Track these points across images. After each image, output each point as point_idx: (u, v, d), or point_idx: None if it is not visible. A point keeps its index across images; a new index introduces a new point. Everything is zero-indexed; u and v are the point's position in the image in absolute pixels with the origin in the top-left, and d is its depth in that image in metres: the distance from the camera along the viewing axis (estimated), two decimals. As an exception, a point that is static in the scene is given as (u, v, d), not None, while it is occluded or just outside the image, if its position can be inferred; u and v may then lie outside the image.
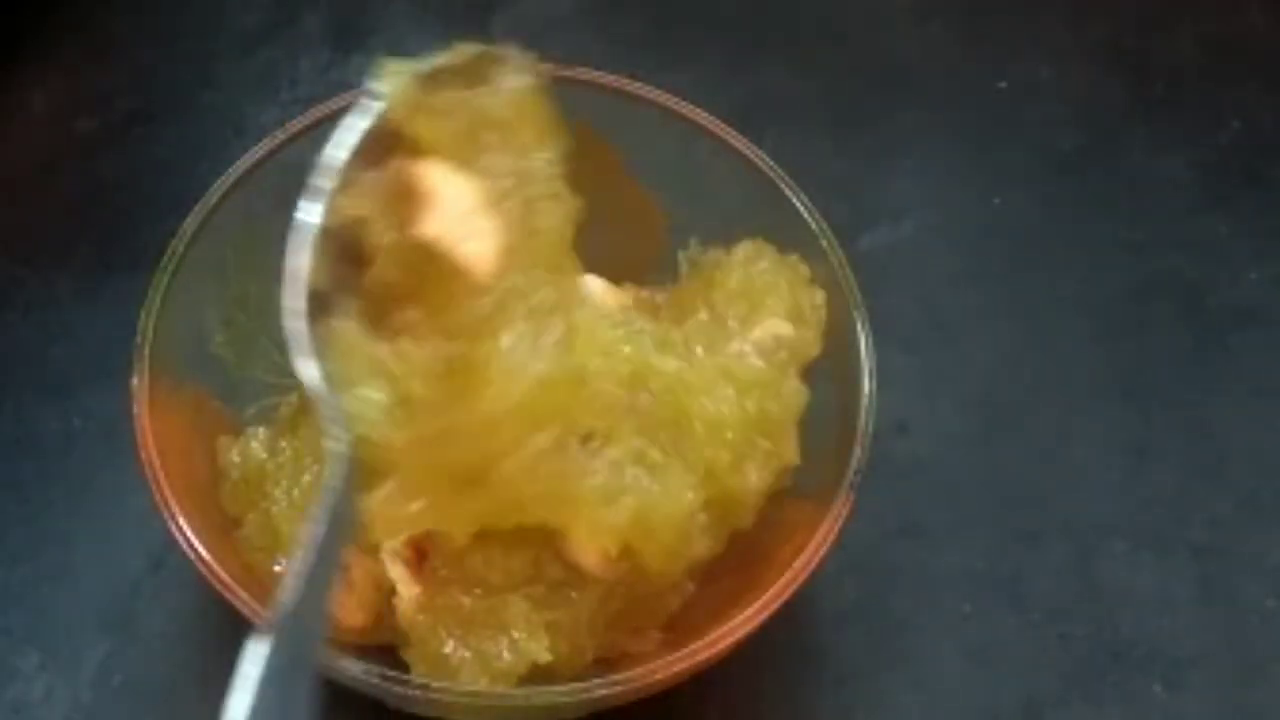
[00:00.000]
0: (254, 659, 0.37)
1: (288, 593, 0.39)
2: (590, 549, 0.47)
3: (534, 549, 0.48)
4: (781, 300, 0.50)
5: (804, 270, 0.52)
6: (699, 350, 0.49)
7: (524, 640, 0.47)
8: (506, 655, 0.47)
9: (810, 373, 0.51)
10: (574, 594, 0.48)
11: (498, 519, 0.47)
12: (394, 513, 0.47)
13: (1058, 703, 0.55)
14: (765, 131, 0.56)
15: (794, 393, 0.49)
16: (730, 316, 0.51)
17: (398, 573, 0.48)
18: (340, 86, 0.56)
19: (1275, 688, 0.55)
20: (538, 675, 0.48)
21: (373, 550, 0.48)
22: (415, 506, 0.47)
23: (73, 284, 0.62)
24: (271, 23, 0.69)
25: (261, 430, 0.52)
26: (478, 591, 0.48)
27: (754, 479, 0.48)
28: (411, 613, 0.48)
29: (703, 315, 0.51)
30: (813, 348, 0.51)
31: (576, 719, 0.49)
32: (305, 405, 0.52)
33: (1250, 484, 0.59)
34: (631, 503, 0.46)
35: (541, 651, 0.47)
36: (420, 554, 0.48)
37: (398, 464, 0.46)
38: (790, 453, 0.49)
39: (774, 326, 0.50)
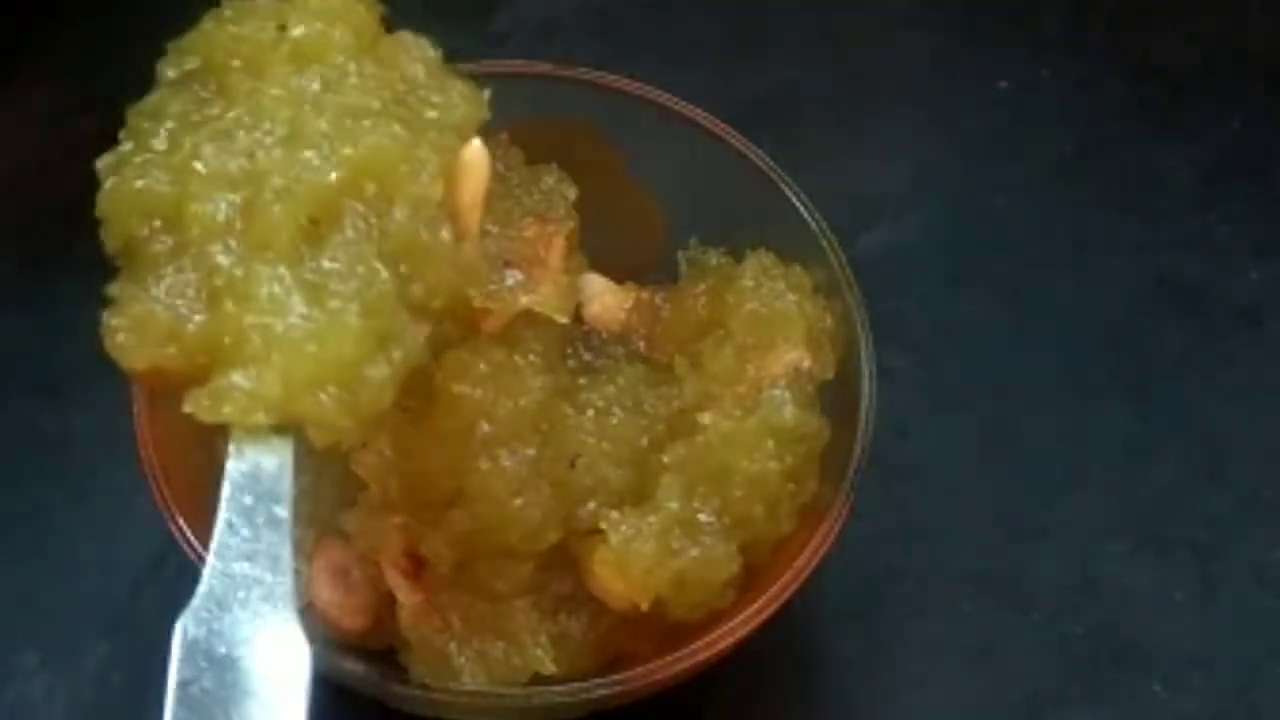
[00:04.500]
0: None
1: (203, 580, 0.39)
2: (618, 593, 0.47)
3: (543, 558, 0.48)
4: (797, 328, 0.50)
5: (807, 280, 0.52)
6: (730, 397, 0.49)
7: (530, 649, 0.47)
8: (511, 661, 0.47)
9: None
10: (583, 610, 0.48)
11: (485, 541, 0.47)
12: (373, 527, 0.47)
13: (1058, 703, 0.55)
14: (765, 131, 0.56)
15: (819, 432, 0.49)
16: (749, 348, 0.51)
17: (396, 581, 0.48)
18: (340, 86, 0.56)
19: (1275, 688, 0.55)
20: (537, 676, 0.48)
21: (371, 554, 0.48)
22: (394, 521, 0.47)
23: (73, 284, 0.61)
24: (271, 23, 0.69)
25: (258, 430, 0.52)
26: (484, 597, 0.48)
27: (785, 526, 0.49)
28: (412, 619, 0.48)
29: (727, 350, 0.51)
30: (828, 372, 0.50)
31: (576, 719, 0.49)
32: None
33: (1250, 484, 0.59)
34: (675, 566, 0.47)
35: (547, 663, 0.47)
36: (418, 563, 0.48)
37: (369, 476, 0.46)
38: (812, 485, 0.49)
39: (795, 359, 0.50)
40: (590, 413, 0.49)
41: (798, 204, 0.52)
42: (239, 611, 0.38)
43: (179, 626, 0.37)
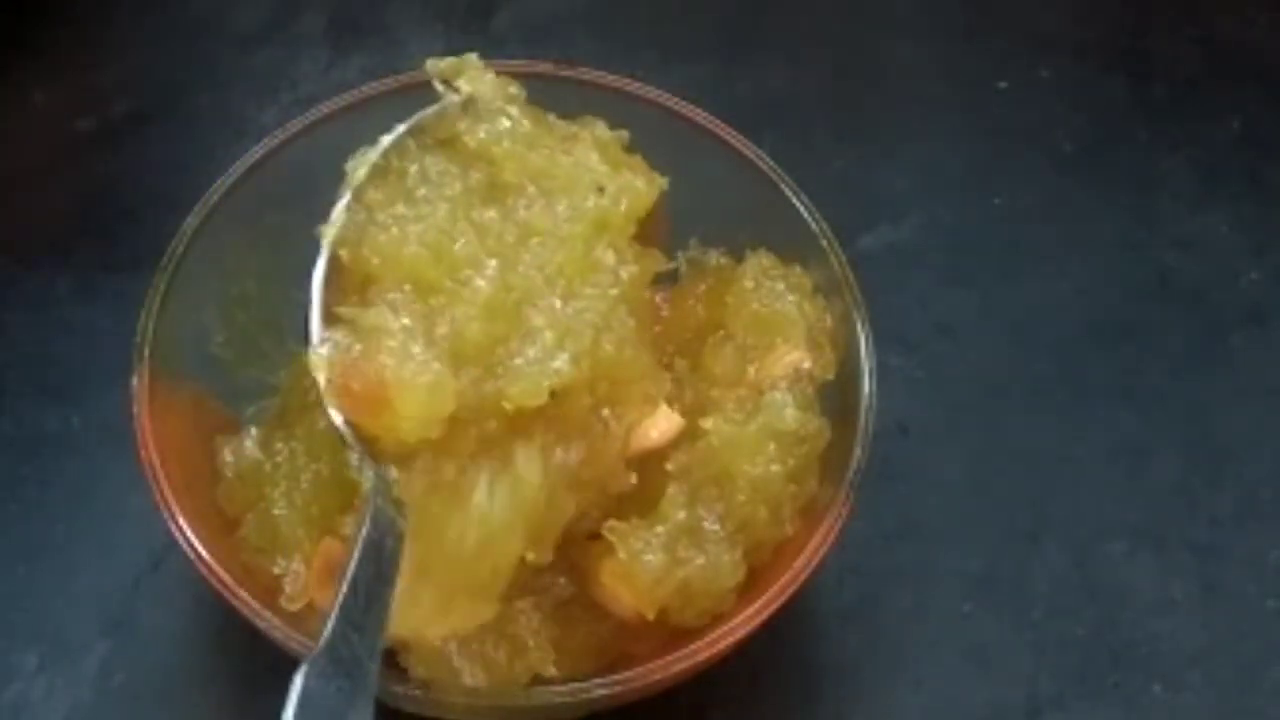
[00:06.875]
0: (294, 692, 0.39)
1: (327, 630, 0.40)
2: (624, 602, 0.47)
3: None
4: (797, 329, 0.50)
5: (807, 280, 0.52)
6: (733, 400, 0.49)
7: (530, 650, 0.47)
8: (512, 662, 0.47)
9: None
10: (584, 612, 0.48)
11: None
12: None
13: (1058, 703, 0.55)
14: (765, 131, 0.56)
15: (820, 432, 0.49)
16: (750, 348, 0.51)
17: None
18: (340, 86, 0.56)
19: (1275, 688, 0.55)
20: (537, 677, 0.48)
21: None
22: None
23: (73, 284, 0.62)
24: (271, 23, 0.69)
25: (255, 429, 0.52)
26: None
27: (788, 528, 0.49)
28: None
29: (728, 351, 0.51)
30: (828, 372, 0.50)
31: (576, 719, 0.49)
32: (293, 406, 0.52)
33: (1250, 484, 0.59)
34: (681, 575, 0.47)
35: (547, 665, 0.47)
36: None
37: None
38: (813, 486, 0.49)
39: (795, 359, 0.50)
40: None
41: (798, 204, 0.52)
42: (343, 681, 0.40)
43: (302, 673, 0.39)
